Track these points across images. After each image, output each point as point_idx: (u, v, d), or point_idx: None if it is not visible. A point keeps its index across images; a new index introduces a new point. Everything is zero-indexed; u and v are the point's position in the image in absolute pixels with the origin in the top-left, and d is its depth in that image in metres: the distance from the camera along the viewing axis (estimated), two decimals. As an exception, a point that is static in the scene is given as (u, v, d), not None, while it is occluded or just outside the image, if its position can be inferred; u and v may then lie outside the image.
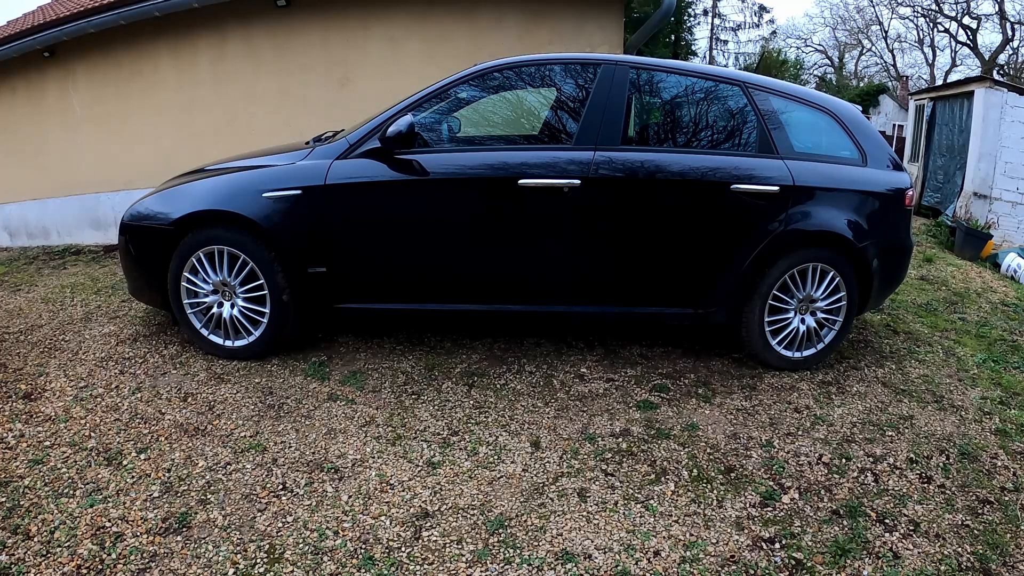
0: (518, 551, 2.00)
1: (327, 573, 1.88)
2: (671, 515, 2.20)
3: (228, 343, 3.18)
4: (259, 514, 2.12)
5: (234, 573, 1.87)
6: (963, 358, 3.64)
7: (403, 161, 3.00)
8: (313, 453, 2.46)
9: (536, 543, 2.04)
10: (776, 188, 3.07)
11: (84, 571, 1.85)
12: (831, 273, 3.20)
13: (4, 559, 1.88)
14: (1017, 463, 2.61)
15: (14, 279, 4.80)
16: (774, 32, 34.00)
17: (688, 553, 2.03)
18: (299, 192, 2.99)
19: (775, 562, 2.01)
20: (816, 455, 2.59)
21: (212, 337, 3.18)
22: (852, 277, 3.22)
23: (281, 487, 2.26)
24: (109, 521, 2.05)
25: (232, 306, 3.14)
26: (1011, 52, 26.78)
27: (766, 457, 2.57)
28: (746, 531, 2.15)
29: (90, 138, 6.05)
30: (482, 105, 3.56)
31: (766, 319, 3.23)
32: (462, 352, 3.39)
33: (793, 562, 2.02)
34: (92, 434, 2.53)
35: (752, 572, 1.97)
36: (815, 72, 35.19)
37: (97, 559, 1.89)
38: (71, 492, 2.18)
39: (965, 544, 2.13)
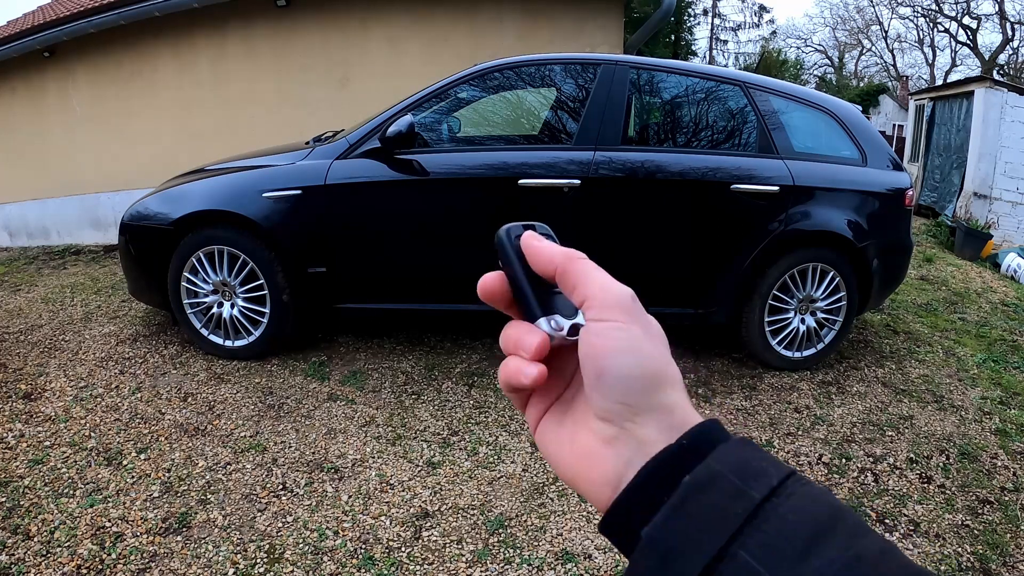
0: (518, 551, 2.00)
1: (327, 573, 1.88)
2: (671, 515, 2.20)
3: (228, 343, 3.18)
4: (259, 514, 2.12)
5: (234, 573, 1.87)
6: (963, 358, 3.64)
7: (403, 161, 3.00)
8: (313, 453, 2.46)
9: (536, 543, 2.04)
10: (776, 188, 3.07)
11: (84, 571, 1.85)
12: (831, 273, 3.20)
13: (4, 559, 1.88)
14: (1017, 463, 2.61)
15: (14, 279, 4.80)
16: (774, 32, 34.02)
17: (688, 553, 2.03)
18: (299, 192, 2.99)
19: (775, 562, 2.01)
20: (816, 455, 2.59)
21: (212, 337, 3.18)
22: (852, 277, 3.22)
23: (281, 487, 2.26)
24: (109, 521, 2.05)
25: (232, 306, 3.14)
26: (1011, 52, 26.80)
27: (766, 457, 2.57)
28: (746, 531, 2.14)
29: (90, 138, 6.05)
30: (482, 105, 3.56)
31: (766, 319, 3.23)
32: (462, 352, 3.39)
33: (793, 562, 2.01)
34: (92, 434, 2.53)
35: (752, 572, 1.97)
36: (815, 72, 35.21)
37: (97, 559, 1.89)
38: (71, 492, 2.18)
39: (965, 544, 2.13)
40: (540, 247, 0.36)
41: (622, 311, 0.33)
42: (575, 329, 0.35)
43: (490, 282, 0.38)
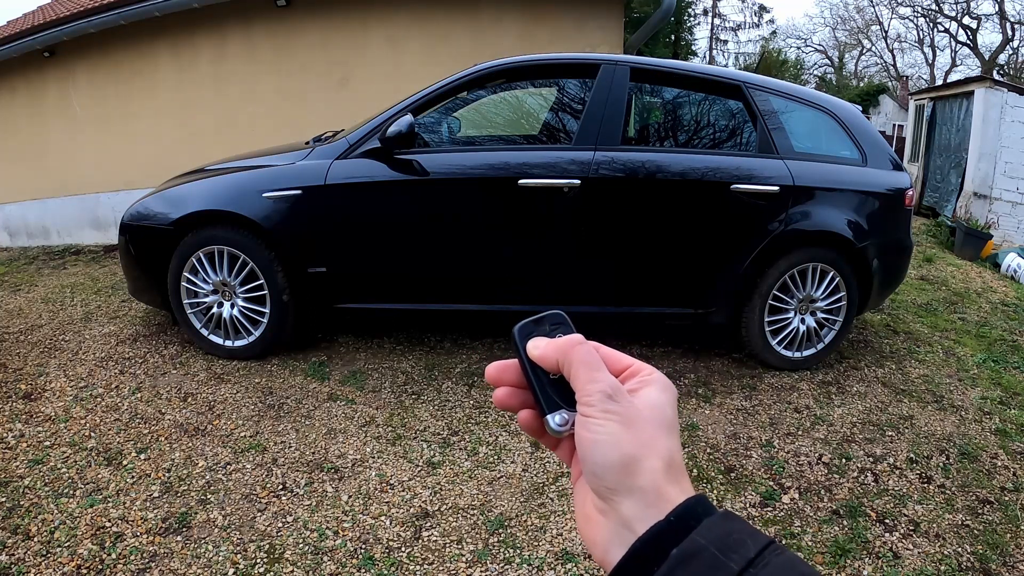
0: (518, 551, 2.00)
1: (327, 573, 1.88)
2: (671, 515, 2.20)
3: (228, 343, 3.18)
4: (259, 514, 2.12)
5: (234, 573, 1.87)
6: (963, 358, 3.64)
7: (403, 161, 3.00)
8: (313, 453, 2.46)
9: (536, 543, 2.04)
10: (776, 188, 3.07)
11: (84, 571, 1.85)
12: (831, 273, 3.20)
13: (4, 559, 1.88)
14: (1017, 463, 2.61)
15: (14, 279, 4.80)
16: (774, 32, 33.96)
17: (688, 553, 2.03)
18: (299, 192, 2.99)
19: (775, 562, 2.01)
20: (816, 455, 2.59)
21: (212, 337, 3.18)
22: (852, 277, 3.22)
23: (281, 487, 2.26)
24: (109, 521, 2.05)
25: (232, 306, 3.14)
26: (1011, 52, 26.79)
27: (766, 457, 2.57)
28: (746, 531, 2.14)
29: (90, 138, 6.05)
30: (482, 105, 3.56)
31: (766, 319, 3.23)
32: (462, 352, 3.39)
33: (793, 562, 2.01)
34: (92, 434, 2.53)
35: (752, 572, 1.96)
36: (815, 72, 35.18)
37: (97, 559, 1.89)
38: (71, 492, 2.18)
39: (965, 544, 2.13)
40: (540, 355, 0.42)
41: (600, 408, 0.38)
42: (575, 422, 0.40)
43: (496, 372, 0.44)
